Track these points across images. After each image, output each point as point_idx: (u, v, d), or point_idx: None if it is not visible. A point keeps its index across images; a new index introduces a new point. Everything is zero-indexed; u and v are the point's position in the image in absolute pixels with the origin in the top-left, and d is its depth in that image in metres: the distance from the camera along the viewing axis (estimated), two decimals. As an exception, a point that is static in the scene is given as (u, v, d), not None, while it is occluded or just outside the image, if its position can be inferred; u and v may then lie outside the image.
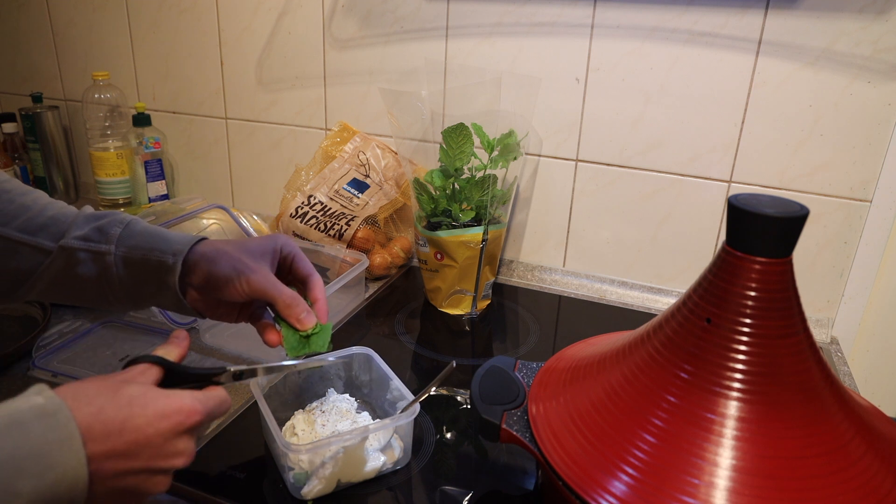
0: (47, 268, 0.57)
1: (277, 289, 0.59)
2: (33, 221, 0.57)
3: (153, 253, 0.57)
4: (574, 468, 0.48)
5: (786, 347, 0.46)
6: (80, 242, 0.57)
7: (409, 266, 1.14)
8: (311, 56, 1.17)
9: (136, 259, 0.58)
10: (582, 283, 1.07)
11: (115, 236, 0.58)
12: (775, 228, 0.45)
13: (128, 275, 0.58)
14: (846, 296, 0.92)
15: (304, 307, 0.60)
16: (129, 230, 0.59)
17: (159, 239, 0.59)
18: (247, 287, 0.58)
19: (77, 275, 0.57)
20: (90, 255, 0.57)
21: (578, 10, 0.95)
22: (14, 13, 1.41)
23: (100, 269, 0.57)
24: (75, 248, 0.57)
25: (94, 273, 0.57)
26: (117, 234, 0.58)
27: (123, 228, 0.59)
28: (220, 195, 1.36)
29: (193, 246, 0.59)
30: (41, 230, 0.57)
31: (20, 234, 0.57)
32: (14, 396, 0.41)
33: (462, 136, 0.89)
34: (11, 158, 1.36)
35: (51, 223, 0.58)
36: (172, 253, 0.58)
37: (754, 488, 0.43)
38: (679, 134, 0.95)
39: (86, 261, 0.57)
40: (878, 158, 0.86)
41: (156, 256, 0.57)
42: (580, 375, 0.55)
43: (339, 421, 0.63)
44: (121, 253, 0.57)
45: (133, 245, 0.58)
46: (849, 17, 0.83)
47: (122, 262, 0.58)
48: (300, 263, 0.63)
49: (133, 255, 0.58)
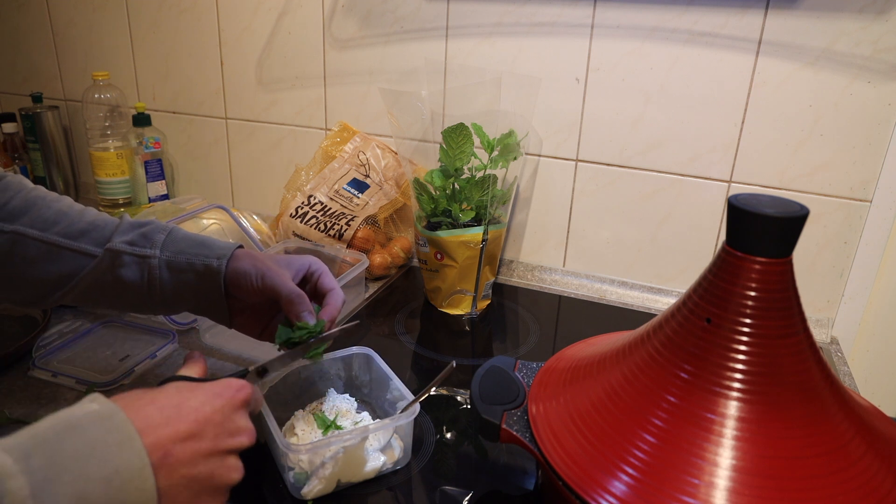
0: (90, 272, 0.60)
1: (287, 286, 0.60)
2: (74, 227, 0.60)
3: (198, 258, 0.61)
4: (574, 468, 0.48)
5: (786, 347, 0.46)
6: (126, 246, 0.60)
7: (409, 266, 1.14)
8: (311, 56, 1.17)
9: (180, 263, 0.61)
10: (582, 283, 1.07)
11: (159, 242, 0.61)
12: (775, 228, 0.45)
13: (170, 278, 0.61)
14: (846, 296, 0.92)
15: (308, 307, 0.61)
16: (172, 237, 0.62)
17: (202, 244, 0.62)
18: (260, 283, 0.60)
19: (119, 278, 0.60)
20: (135, 258, 0.60)
21: (578, 10, 0.95)
22: (14, 13, 1.41)
23: (142, 273, 0.60)
24: (122, 251, 0.60)
25: (136, 276, 0.60)
26: (161, 239, 0.61)
27: (167, 235, 0.62)
28: (220, 195, 1.36)
29: (235, 250, 0.62)
30: (82, 235, 0.60)
31: (63, 238, 0.59)
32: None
33: (462, 136, 0.89)
34: (11, 158, 1.36)
35: (91, 228, 0.61)
36: (217, 257, 0.61)
37: (754, 488, 0.43)
38: (679, 134, 0.95)
39: (130, 264, 0.60)
40: (878, 158, 0.86)
41: (201, 261, 0.61)
42: (580, 375, 0.55)
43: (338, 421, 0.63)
44: (165, 257, 0.60)
45: (177, 250, 0.61)
46: (849, 17, 0.83)
47: (166, 266, 0.60)
48: (325, 278, 0.66)
49: (178, 259, 0.61)
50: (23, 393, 0.72)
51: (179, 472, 0.42)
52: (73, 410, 0.41)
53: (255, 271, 0.60)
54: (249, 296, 0.61)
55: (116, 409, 0.42)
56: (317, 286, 0.65)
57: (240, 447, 0.47)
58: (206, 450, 0.44)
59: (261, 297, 0.61)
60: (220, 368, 0.79)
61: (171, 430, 0.43)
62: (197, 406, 0.45)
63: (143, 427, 0.41)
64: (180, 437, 0.43)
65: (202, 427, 0.44)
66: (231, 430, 0.47)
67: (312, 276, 0.65)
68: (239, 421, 0.48)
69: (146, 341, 0.84)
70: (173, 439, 0.42)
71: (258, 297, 0.61)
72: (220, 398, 0.47)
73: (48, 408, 0.69)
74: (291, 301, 0.60)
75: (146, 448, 0.40)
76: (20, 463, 0.36)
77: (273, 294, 0.60)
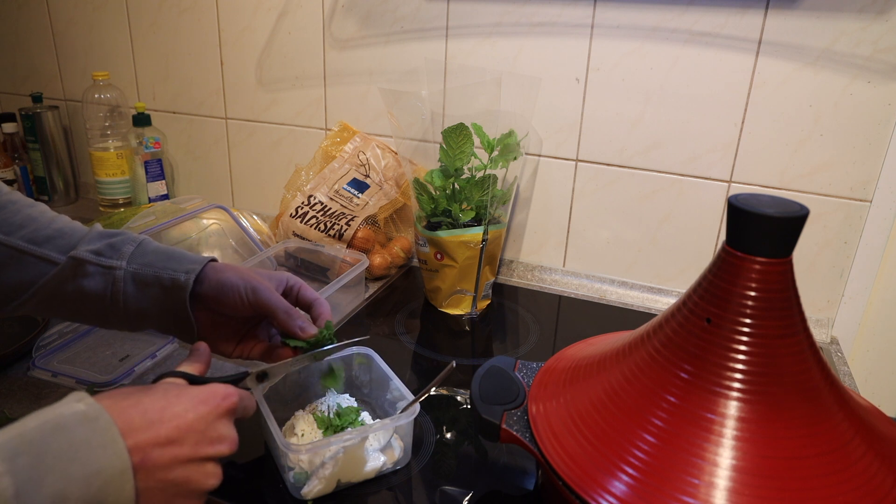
0: (51, 279, 0.57)
1: (280, 302, 0.60)
2: (40, 233, 0.57)
3: (165, 271, 0.58)
4: (574, 468, 0.48)
5: (786, 347, 0.46)
6: (91, 255, 0.57)
7: (409, 266, 1.14)
8: (311, 56, 1.17)
9: (146, 276, 0.58)
10: (582, 283, 1.07)
11: (126, 253, 0.58)
12: (775, 228, 0.45)
13: (134, 292, 0.58)
14: (846, 296, 0.92)
15: (304, 317, 0.61)
16: (142, 249, 0.59)
17: (171, 258, 0.59)
18: (252, 297, 0.58)
19: (81, 288, 0.57)
20: (99, 269, 0.57)
21: (578, 10, 0.95)
22: (14, 13, 1.41)
23: (106, 285, 0.57)
24: (85, 260, 0.57)
25: (99, 288, 0.57)
26: (130, 251, 0.58)
27: (136, 247, 0.59)
28: (220, 195, 1.36)
29: (206, 264, 0.60)
30: (48, 241, 0.57)
31: (26, 244, 0.57)
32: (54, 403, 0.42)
33: (462, 136, 0.89)
34: (11, 158, 1.36)
35: (58, 235, 0.58)
36: (185, 271, 0.58)
37: (754, 488, 0.43)
38: (679, 134, 0.96)
39: (94, 274, 0.57)
40: (878, 158, 0.86)
41: (168, 274, 0.58)
42: (580, 375, 0.55)
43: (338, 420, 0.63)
44: (132, 269, 0.58)
45: (145, 262, 0.58)
46: (849, 17, 0.83)
47: (132, 278, 0.58)
48: (306, 291, 0.65)
49: (144, 272, 0.58)
50: (23, 393, 0.72)
51: (156, 475, 0.43)
52: (61, 409, 0.41)
53: (244, 284, 0.59)
54: (235, 309, 0.60)
55: (102, 410, 0.42)
56: (298, 299, 0.65)
57: (219, 455, 0.47)
58: (184, 456, 0.44)
59: (248, 312, 0.60)
60: (219, 369, 0.79)
61: (151, 434, 0.43)
62: (180, 412, 0.45)
63: (125, 429, 0.42)
64: (160, 442, 0.43)
65: (183, 433, 0.45)
66: (212, 438, 0.47)
67: (292, 290, 0.65)
68: (221, 429, 0.48)
69: (146, 341, 0.84)
70: (153, 443, 0.43)
71: (244, 311, 0.60)
72: (204, 405, 0.47)
73: (48, 408, 0.69)
74: (290, 315, 0.60)
75: (128, 450, 0.41)
76: (6, 463, 0.36)
77: (265, 309, 0.59)
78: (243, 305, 0.59)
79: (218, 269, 0.60)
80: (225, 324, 0.63)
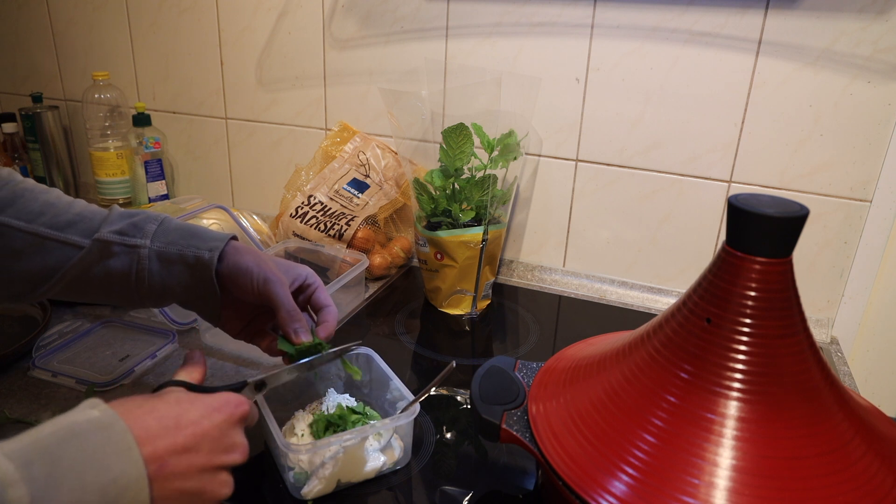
0: (77, 263, 0.57)
1: (287, 299, 0.59)
2: (60, 218, 0.58)
3: (189, 248, 0.59)
4: (574, 468, 0.48)
5: (786, 347, 0.46)
6: (115, 236, 0.58)
7: (409, 266, 1.14)
8: (311, 56, 1.17)
9: (171, 254, 0.59)
10: (582, 283, 1.07)
11: (150, 231, 0.59)
12: (775, 228, 0.45)
13: (159, 269, 0.59)
14: (846, 296, 0.92)
15: (304, 324, 0.60)
16: (164, 226, 0.60)
17: (194, 235, 0.60)
18: (262, 286, 0.59)
19: (107, 269, 0.58)
20: (125, 248, 0.58)
21: (578, 10, 0.95)
22: (14, 13, 1.41)
23: (131, 263, 0.58)
24: (111, 241, 0.57)
25: (125, 267, 0.58)
26: (153, 229, 0.59)
27: (159, 225, 0.60)
28: (220, 195, 1.36)
29: (228, 242, 0.60)
30: (69, 226, 0.58)
31: (48, 230, 0.57)
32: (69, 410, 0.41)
33: (462, 136, 0.89)
34: (11, 158, 1.36)
35: (79, 220, 0.59)
36: (209, 249, 0.59)
37: (754, 488, 0.43)
38: (679, 134, 0.96)
39: (119, 254, 0.58)
40: (878, 158, 0.86)
41: (192, 252, 0.58)
42: (580, 375, 0.55)
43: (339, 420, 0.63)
44: (156, 248, 0.58)
45: (169, 240, 0.59)
46: (849, 17, 0.83)
47: (157, 256, 0.58)
48: (321, 294, 0.65)
49: (168, 249, 0.59)
50: (23, 393, 0.72)
51: (173, 484, 0.42)
52: (75, 416, 0.41)
53: (257, 272, 0.59)
54: (243, 294, 0.60)
55: (116, 417, 0.41)
56: (311, 300, 0.65)
57: (233, 464, 0.47)
58: (200, 464, 0.44)
59: (255, 299, 0.60)
60: (219, 368, 0.79)
61: (168, 441, 0.43)
62: (196, 419, 0.45)
63: (142, 437, 0.41)
64: (177, 450, 0.43)
65: (199, 441, 0.44)
66: (226, 446, 0.47)
67: (308, 289, 0.65)
68: (235, 437, 0.48)
69: (146, 341, 0.84)
70: (170, 451, 0.42)
71: (252, 298, 0.60)
72: (219, 413, 0.47)
73: (48, 408, 0.69)
74: (290, 316, 0.59)
75: (144, 458, 0.41)
76: (22, 470, 0.36)
77: (271, 301, 0.59)
78: (252, 293, 0.59)
79: (238, 249, 0.60)
80: (234, 303, 0.63)
